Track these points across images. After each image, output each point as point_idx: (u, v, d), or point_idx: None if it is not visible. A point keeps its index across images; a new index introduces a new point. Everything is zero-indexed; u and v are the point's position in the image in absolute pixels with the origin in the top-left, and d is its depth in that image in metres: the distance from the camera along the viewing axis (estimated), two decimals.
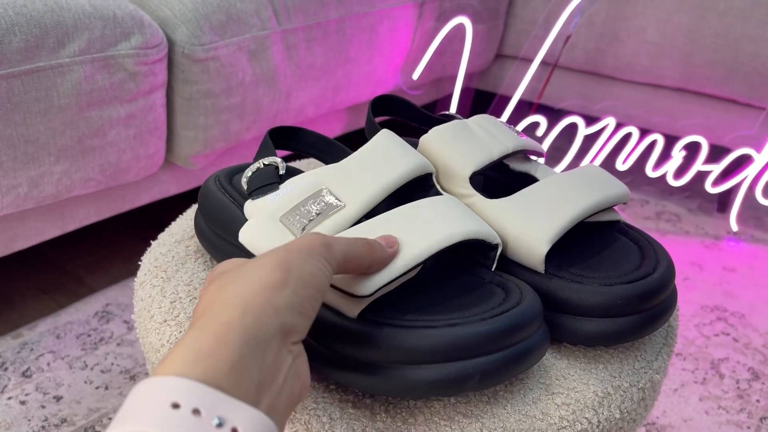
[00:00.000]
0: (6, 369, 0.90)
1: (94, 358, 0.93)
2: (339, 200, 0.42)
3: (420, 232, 0.39)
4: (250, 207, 0.45)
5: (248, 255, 0.43)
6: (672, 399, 0.93)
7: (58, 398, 0.86)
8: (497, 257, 0.42)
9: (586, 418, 0.41)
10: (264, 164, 0.47)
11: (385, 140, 0.46)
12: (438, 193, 0.45)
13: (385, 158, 0.44)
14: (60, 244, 1.12)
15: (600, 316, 0.42)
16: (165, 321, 0.46)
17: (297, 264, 0.32)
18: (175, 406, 0.25)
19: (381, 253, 0.37)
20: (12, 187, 0.79)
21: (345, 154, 0.53)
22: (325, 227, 0.41)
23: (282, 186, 0.45)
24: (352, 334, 0.37)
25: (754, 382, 0.97)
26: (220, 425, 0.25)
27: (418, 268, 0.39)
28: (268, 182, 0.46)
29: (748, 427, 0.89)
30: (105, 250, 1.15)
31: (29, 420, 0.82)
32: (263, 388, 0.28)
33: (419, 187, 0.46)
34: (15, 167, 0.78)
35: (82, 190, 0.87)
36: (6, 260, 1.03)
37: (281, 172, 0.47)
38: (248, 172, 0.47)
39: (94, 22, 0.80)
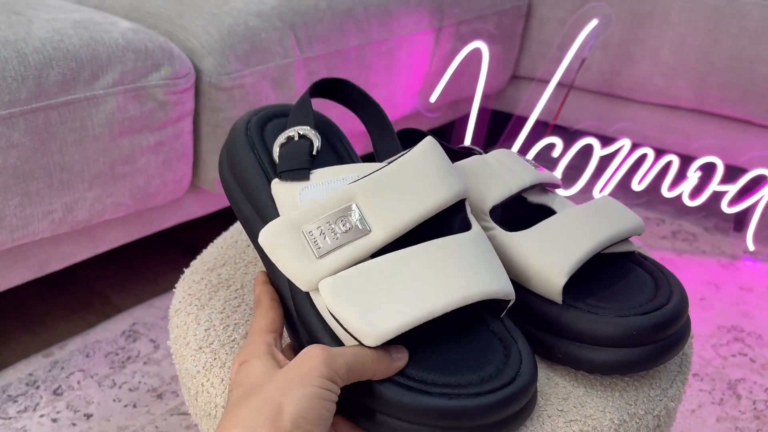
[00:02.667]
0: (38, 387, 0.93)
1: (123, 376, 0.96)
2: (366, 223, 0.40)
3: (436, 284, 0.39)
4: (277, 188, 0.44)
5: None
6: (689, 420, 0.94)
7: (88, 416, 0.89)
8: (508, 307, 0.43)
9: None
10: (299, 134, 0.45)
11: (429, 153, 0.43)
12: (466, 222, 0.44)
13: (424, 179, 0.42)
14: (88, 264, 1.15)
15: (615, 346, 0.44)
16: (200, 348, 0.49)
17: (292, 403, 0.35)
18: None
19: (387, 364, 0.38)
20: (47, 213, 0.83)
21: (383, 123, 0.51)
22: (346, 254, 0.40)
23: (312, 177, 0.43)
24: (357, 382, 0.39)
25: None
26: None
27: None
28: (299, 165, 0.44)
29: None
30: (131, 270, 1.19)
31: None
32: None
33: (451, 209, 0.44)
34: (51, 194, 0.81)
35: (113, 214, 0.91)
36: (37, 281, 1.07)
37: (315, 152, 0.45)
38: (281, 139, 0.45)
39: (126, 55, 0.83)
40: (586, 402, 0.45)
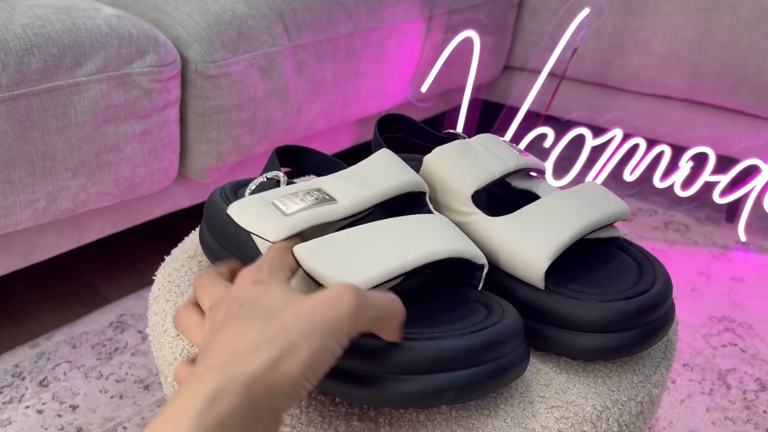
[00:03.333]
0: (24, 378, 0.92)
1: (109, 367, 0.95)
2: (333, 198, 0.43)
3: (405, 245, 0.40)
4: None
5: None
6: (679, 410, 0.94)
7: (74, 407, 0.88)
8: (483, 277, 0.43)
9: (585, 431, 0.42)
10: (267, 178, 0.49)
11: (384, 157, 0.47)
12: (430, 212, 0.46)
13: (381, 172, 0.46)
14: (77, 255, 1.14)
15: (598, 331, 0.44)
16: (178, 335, 0.48)
17: (308, 349, 0.32)
18: None
19: (402, 315, 0.36)
20: (30, 202, 0.82)
21: None
22: (315, 214, 0.42)
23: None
24: None
25: (761, 393, 0.98)
26: None
27: (398, 281, 0.41)
28: None
29: None
30: (120, 261, 1.18)
31: (46, 429, 0.84)
32: None
33: (412, 205, 0.47)
34: (33, 182, 0.80)
35: (98, 203, 0.90)
36: (24, 271, 1.06)
37: (284, 186, 0.48)
38: (252, 186, 0.49)
39: (110, 41, 0.82)
40: (568, 388, 0.44)
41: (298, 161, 0.57)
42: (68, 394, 0.90)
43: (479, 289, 0.44)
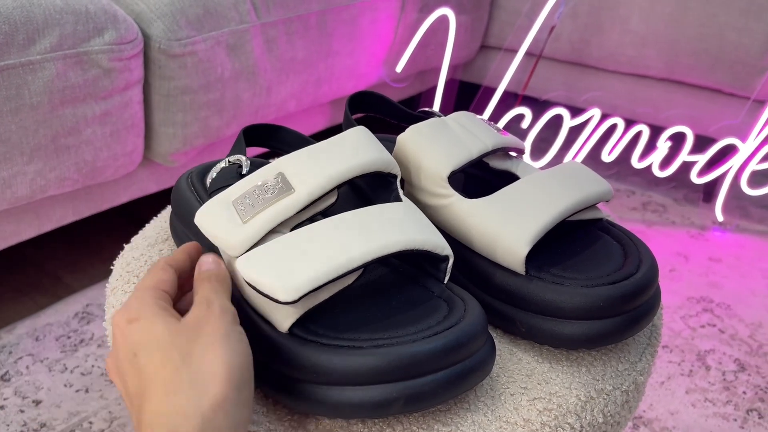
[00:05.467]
0: None
1: (74, 360, 0.91)
2: (291, 186, 0.40)
3: (355, 240, 0.37)
4: None
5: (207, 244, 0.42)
6: (659, 392, 0.93)
7: (37, 402, 0.85)
8: (449, 269, 0.41)
9: (569, 423, 0.40)
10: (229, 162, 0.47)
11: (356, 134, 0.44)
12: (398, 199, 0.43)
13: (347, 150, 0.42)
14: (39, 243, 1.10)
15: (582, 318, 0.41)
16: None
17: (221, 359, 0.32)
18: None
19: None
20: None
21: None
22: (270, 214, 0.40)
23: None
24: (278, 350, 0.36)
25: (740, 374, 0.97)
26: None
27: (353, 277, 0.38)
28: (230, 182, 0.45)
29: (735, 419, 0.89)
30: (85, 249, 1.13)
31: (8, 425, 0.81)
32: None
33: (383, 189, 0.45)
34: None
35: (58, 189, 0.86)
36: None
37: (244, 171, 0.46)
38: (213, 172, 0.47)
39: (65, 17, 0.78)
40: (551, 378, 0.42)
41: (271, 141, 0.54)
42: (31, 389, 0.86)
43: (445, 281, 0.41)
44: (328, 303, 0.38)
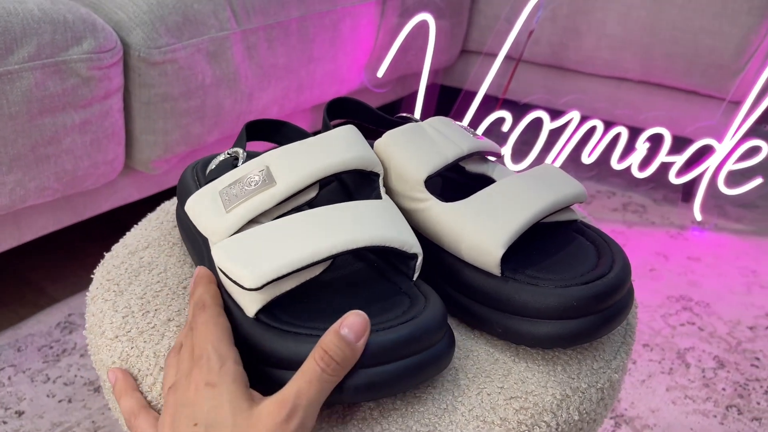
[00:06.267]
0: None
1: (57, 370, 0.91)
2: (273, 179, 0.42)
3: (325, 234, 0.39)
4: None
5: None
6: (640, 390, 0.94)
7: (19, 413, 0.84)
8: (418, 267, 0.41)
9: (545, 421, 0.40)
10: (228, 154, 0.49)
11: (343, 132, 0.45)
12: (379, 197, 0.44)
13: (331, 147, 0.44)
14: (21, 253, 1.09)
15: (556, 318, 0.42)
16: (116, 337, 0.45)
17: None
18: None
19: (347, 352, 0.35)
20: None
21: None
22: (252, 205, 0.41)
23: None
24: (244, 334, 0.38)
25: (719, 371, 0.99)
26: None
27: (320, 269, 0.39)
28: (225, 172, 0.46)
29: (714, 416, 0.91)
30: (68, 258, 1.13)
31: None
32: None
33: (365, 187, 0.46)
34: None
35: (38, 199, 0.85)
36: None
37: (240, 163, 0.48)
38: (213, 164, 0.49)
39: (43, 26, 0.78)
40: (527, 378, 0.43)
41: (274, 136, 0.56)
42: (13, 400, 0.86)
43: (414, 278, 0.42)
44: (299, 293, 0.39)
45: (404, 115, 0.57)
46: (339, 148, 0.44)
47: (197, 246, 0.48)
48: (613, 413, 0.90)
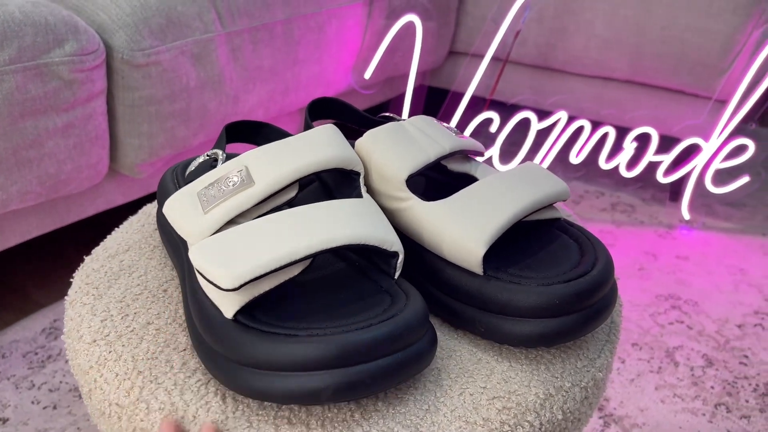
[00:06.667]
0: None
1: (42, 376, 0.90)
2: (252, 180, 0.42)
3: (303, 233, 0.38)
4: None
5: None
6: (629, 389, 0.94)
7: (4, 420, 0.83)
8: (398, 265, 0.41)
9: (528, 421, 0.40)
10: (207, 156, 0.49)
11: (323, 132, 0.45)
12: (359, 196, 0.44)
13: (311, 146, 0.43)
14: (5, 258, 1.08)
15: (539, 316, 0.42)
16: (94, 341, 0.44)
17: None
18: None
19: None
20: None
21: None
22: (230, 206, 0.41)
23: None
24: (222, 335, 0.38)
25: (708, 369, 0.99)
26: None
27: (298, 269, 0.39)
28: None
29: (703, 414, 0.91)
30: (54, 263, 1.12)
31: None
32: None
33: (346, 186, 0.46)
34: None
35: (21, 203, 0.84)
36: None
37: (219, 165, 0.47)
38: (192, 165, 0.49)
39: (24, 29, 0.77)
40: (510, 377, 0.42)
41: (256, 138, 0.55)
42: None
43: (396, 277, 0.41)
44: (278, 293, 0.39)
45: (387, 114, 0.57)
46: (318, 147, 0.43)
47: (176, 248, 0.47)
48: (601, 412, 0.90)
